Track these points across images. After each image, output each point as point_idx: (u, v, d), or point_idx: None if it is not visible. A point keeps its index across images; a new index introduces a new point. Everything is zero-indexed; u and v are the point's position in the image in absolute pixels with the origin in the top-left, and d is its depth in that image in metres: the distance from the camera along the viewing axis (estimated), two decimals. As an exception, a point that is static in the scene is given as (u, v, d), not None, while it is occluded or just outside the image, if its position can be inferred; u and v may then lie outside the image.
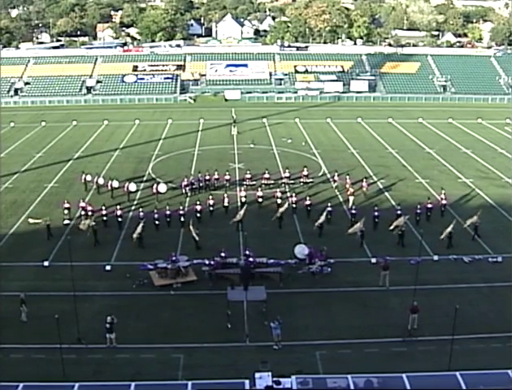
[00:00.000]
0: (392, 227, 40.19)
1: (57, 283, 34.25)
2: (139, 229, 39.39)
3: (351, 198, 47.13)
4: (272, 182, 51.50)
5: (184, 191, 49.88)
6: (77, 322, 28.51)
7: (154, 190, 48.93)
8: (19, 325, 30.24)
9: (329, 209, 43.52)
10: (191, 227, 39.32)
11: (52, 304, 31.24)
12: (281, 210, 43.12)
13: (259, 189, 48.35)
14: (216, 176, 51.26)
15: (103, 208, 43.75)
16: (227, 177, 51.56)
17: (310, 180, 52.43)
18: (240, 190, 49.06)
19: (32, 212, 46.29)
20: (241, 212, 42.01)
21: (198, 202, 44.46)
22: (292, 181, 51.92)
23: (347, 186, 48.87)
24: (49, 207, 45.54)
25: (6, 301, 32.07)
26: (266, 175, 51.60)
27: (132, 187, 49.57)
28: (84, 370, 26.42)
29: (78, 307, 29.05)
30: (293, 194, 47.32)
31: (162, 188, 49.38)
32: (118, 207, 43.93)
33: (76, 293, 29.76)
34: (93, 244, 39.91)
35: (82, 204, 45.13)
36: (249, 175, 51.62)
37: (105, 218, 43.26)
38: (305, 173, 52.51)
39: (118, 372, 26.22)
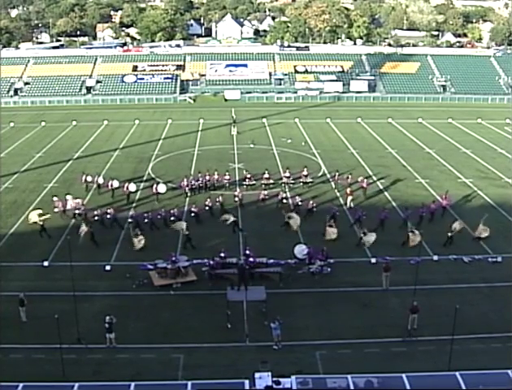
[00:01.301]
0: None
1: (57, 283, 34.20)
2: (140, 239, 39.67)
3: (349, 198, 47.21)
4: (272, 182, 51.54)
5: (184, 191, 49.89)
6: (77, 323, 28.49)
7: (154, 190, 48.97)
8: (18, 325, 30.22)
9: (336, 212, 43.61)
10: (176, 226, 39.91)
11: (52, 304, 31.20)
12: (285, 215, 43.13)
13: (263, 191, 48.40)
14: (216, 176, 51.25)
15: (98, 210, 44.04)
16: (227, 177, 51.59)
17: (310, 180, 52.42)
18: (236, 190, 48.83)
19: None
20: (227, 215, 42.15)
21: (194, 205, 44.65)
22: (292, 181, 51.90)
23: (348, 189, 48.84)
24: (48, 207, 45.47)
25: (6, 301, 32.03)
26: (266, 175, 51.59)
27: (132, 187, 49.56)
28: (84, 370, 26.41)
29: (78, 307, 29.03)
30: (297, 196, 47.12)
31: (162, 188, 49.39)
32: (110, 208, 44.12)
33: (76, 293, 29.73)
34: (95, 245, 39.89)
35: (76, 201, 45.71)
36: (248, 175, 51.63)
37: (96, 218, 43.26)
38: (304, 173, 52.48)
39: (118, 372, 26.20)
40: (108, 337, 28.43)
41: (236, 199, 46.91)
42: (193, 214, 43.80)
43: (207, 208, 44.84)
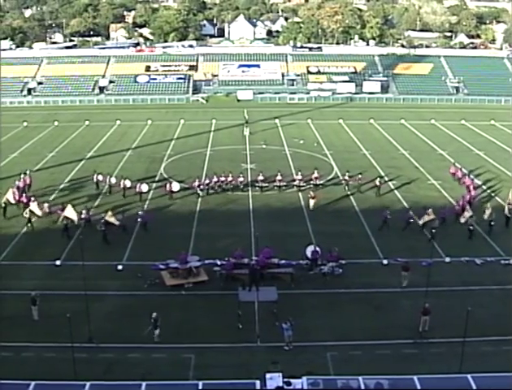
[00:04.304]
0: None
1: (68, 283, 34.31)
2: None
3: (312, 201, 46.97)
4: (285, 184, 51.55)
5: (195, 191, 49.96)
6: (88, 322, 28.58)
7: (168, 189, 49.10)
8: (30, 324, 30.41)
9: (388, 216, 43.29)
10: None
11: (63, 303, 31.32)
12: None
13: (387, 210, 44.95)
14: (230, 178, 51.08)
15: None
16: (241, 179, 51.35)
17: (321, 183, 52.24)
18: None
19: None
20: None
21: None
22: (304, 183, 51.76)
23: (311, 192, 48.92)
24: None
25: (18, 299, 32.22)
26: (279, 177, 51.57)
27: (145, 187, 49.62)
28: (96, 369, 26.49)
29: (90, 306, 29.10)
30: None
31: (176, 186, 49.55)
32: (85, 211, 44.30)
33: (88, 293, 29.79)
34: (106, 244, 40.24)
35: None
36: (261, 178, 51.49)
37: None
38: (315, 175, 52.22)
39: (129, 371, 26.28)
40: (155, 333, 28.73)
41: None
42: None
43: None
